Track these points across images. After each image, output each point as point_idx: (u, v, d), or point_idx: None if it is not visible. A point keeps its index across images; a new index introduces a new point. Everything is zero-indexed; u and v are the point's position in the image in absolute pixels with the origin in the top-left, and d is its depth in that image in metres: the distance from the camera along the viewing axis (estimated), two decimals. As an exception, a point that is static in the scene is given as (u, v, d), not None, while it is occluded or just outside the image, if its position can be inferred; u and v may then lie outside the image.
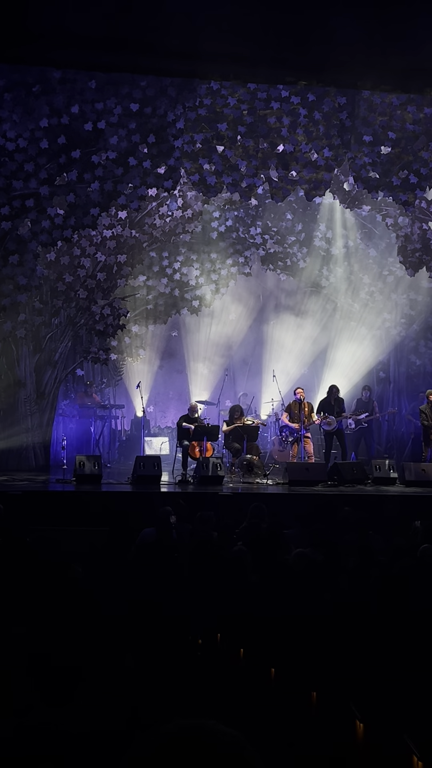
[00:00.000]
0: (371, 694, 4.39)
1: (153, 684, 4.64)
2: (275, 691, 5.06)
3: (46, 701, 3.72)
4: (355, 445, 17.95)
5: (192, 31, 13.22)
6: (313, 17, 13.16)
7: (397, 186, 15.76)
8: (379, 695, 4.38)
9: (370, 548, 7.94)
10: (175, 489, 14.38)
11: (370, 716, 4.11)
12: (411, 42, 13.64)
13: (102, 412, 18.40)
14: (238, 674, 5.38)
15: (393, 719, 4.04)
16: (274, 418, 18.27)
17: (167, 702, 4.39)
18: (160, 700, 4.36)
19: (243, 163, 15.29)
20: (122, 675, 4.63)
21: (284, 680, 5.05)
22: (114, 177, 14.92)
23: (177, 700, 4.53)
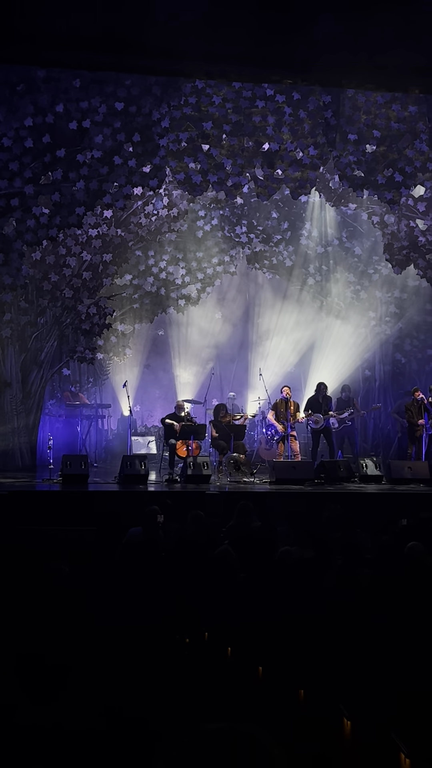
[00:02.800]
0: (359, 692, 4.40)
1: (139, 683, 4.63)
2: (263, 689, 5.06)
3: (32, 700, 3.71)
4: (341, 444, 17.97)
5: (176, 30, 13.21)
6: (297, 16, 13.16)
7: (382, 184, 15.79)
8: (366, 693, 4.39)
9: (357, 546, 7.95)
10: (162, 488, 14.37)
11: (358, 714, 4.12)
12: (395, 40, 13.67)
13: (88, 412, 18.37)
14: (226, 673, 5.38)
15: (380, 717, 4.05)
16: (260, 417, 18.27)
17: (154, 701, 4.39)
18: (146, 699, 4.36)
19: (228, 161, 15.28)
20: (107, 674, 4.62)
21: (272, 678, 5.06)
22: (99, 176, 14.89)
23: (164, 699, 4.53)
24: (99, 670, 4.68)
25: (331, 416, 16.91)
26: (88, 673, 4.54)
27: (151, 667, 5.03)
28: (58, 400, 18.62)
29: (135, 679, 4.72)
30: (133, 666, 4.94)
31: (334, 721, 4.20)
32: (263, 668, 5.18)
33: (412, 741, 3.71)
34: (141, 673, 4.85)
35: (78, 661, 4.67)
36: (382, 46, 13.80)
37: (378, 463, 15.60)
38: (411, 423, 16.79)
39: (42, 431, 17.46)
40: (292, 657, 5.23)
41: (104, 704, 3.82)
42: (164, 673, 5.03)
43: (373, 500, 13.65)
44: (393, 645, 5.04)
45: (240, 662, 5.43)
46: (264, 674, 5.15)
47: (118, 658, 4.99)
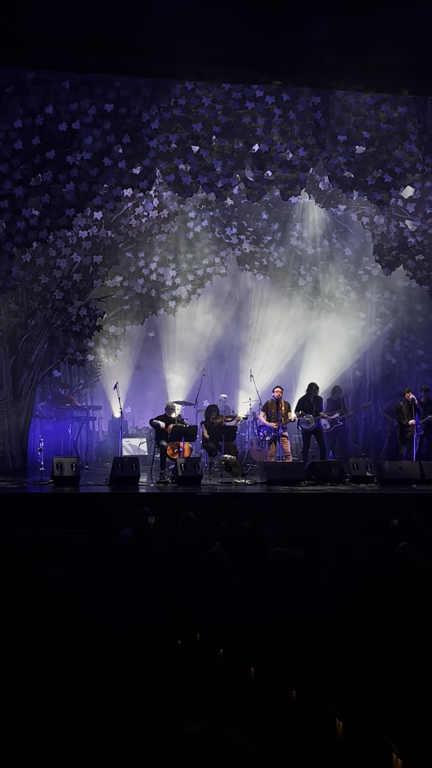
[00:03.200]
0: (351, 693, 4.40)
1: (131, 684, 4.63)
2: (255, 690, 5.06)
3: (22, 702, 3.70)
4: (332, 444, 17.99)
5: (166, 32, 13.23)
6: (286, 17, 13.19)
7: (371, 185, 15.82)
8: (358, 693, 4.40)
9: (348, 547, 7.96)
10: (154, 490, 14.37)
11: (350, 714, 4.13)
12: (384, 42, 13.71)
13: (79, 414, 18.34)
14: (218, 674, 5.38)
15: (372, 717, 4.05)
16: (252, 418, 18.28)
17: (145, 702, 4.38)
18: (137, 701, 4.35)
19: (218, 163, 15.29)
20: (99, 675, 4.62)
21: (264, 679, 5.06)
22: (89, 177, 14.87)
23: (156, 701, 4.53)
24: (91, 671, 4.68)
25: (322, 417, 16.93)
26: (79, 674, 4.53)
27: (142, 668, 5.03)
28: (49, 402, 18.59)
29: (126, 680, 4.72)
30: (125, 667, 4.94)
31: (326, 721, 4.20)
32: (255, 669, 5.18)
33: (404, 741, 3.71)
34: (133, 675, 4.85)
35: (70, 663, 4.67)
36: (371, 47, 13.84)
37: (369, 464, 15.63)
38: (402, 423, 16.83)
39: (33, 433, 17.43)
40: (284, 658, 5.23)
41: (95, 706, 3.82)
42: (156, 674, 5.03)
43: (364, 501, 13.67)
44: (385, 645, 5.04)
45: (232, 663, 5.43)
46: (256, 675, 5.15)
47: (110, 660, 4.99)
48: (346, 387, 20.10)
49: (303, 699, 4.60)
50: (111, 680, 4.65)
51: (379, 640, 5.13)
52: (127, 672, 4.87)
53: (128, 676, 4.80)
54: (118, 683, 4.64)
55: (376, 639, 5.17)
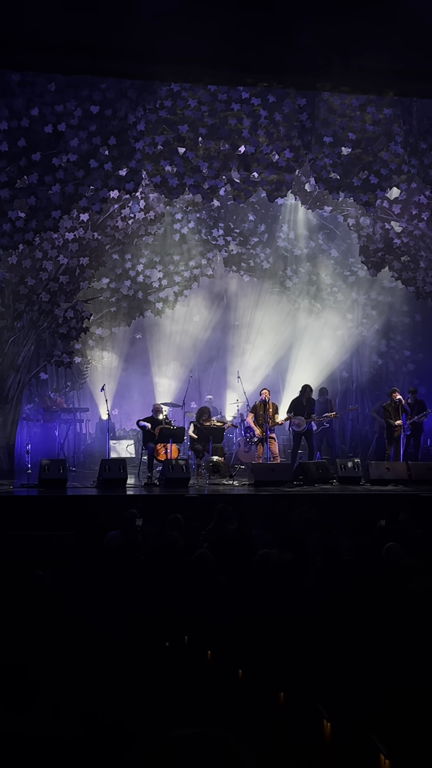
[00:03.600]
0: (338, 694, 4.41)
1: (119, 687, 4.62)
2: (243, 691, 5.06)
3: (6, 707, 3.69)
4: (319, 445, 18.02)
5: (151, 34, 13.22)
6: (272, 19, 13.20)
7: (357, 186, 15.85)
8: (346, 695, 4.40)
9: (336, 548, 7.97)
10: (141, 492, 14.35)
11: (338, 715, 4.13)
12: (369, 44, 13.74)
13: (66, 416, 18.30)
14: (206, 676, 5.38)
15: (360, 718, 4.06)
16: (239, 419, 18.29)
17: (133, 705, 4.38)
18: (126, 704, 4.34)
19: (204, 164, 15.29)
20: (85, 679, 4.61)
21: (252, 681, 5.06)
22: (75, 179, 14.85)
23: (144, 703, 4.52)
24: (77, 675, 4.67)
25: (314, 420, 16.94)
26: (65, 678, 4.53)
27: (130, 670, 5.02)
28: (36, 404, 18.55)
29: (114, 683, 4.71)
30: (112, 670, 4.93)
31: (314, 722, 4.21)
32: (243, 671, 5.18)
33: (391, 741, 3.72)
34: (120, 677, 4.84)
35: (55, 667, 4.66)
36: (357, 49, 13.86)
37: (356, 465, 15.65)
38: (389, 424, 16.87)
39: (20, 436, 17.37)
40: (271, 659, 5.23)
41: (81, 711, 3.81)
42: (144, 676, 5.02)
43: (352, 501, 13.69)
44: (372, 646, 5.05)
45: (220, 665, 5.43)
46: (244, 677, 5.15)
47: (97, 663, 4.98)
48: (333, 388, 20.14)
49: (291, 700, 4.60)
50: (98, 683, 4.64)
51: (366, 641, 5.14)
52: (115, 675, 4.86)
53: (115, 679, 4.79)
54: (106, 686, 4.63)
55: (363, 640, 5.18)
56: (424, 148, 15.99)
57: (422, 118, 16.01)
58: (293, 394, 17.63)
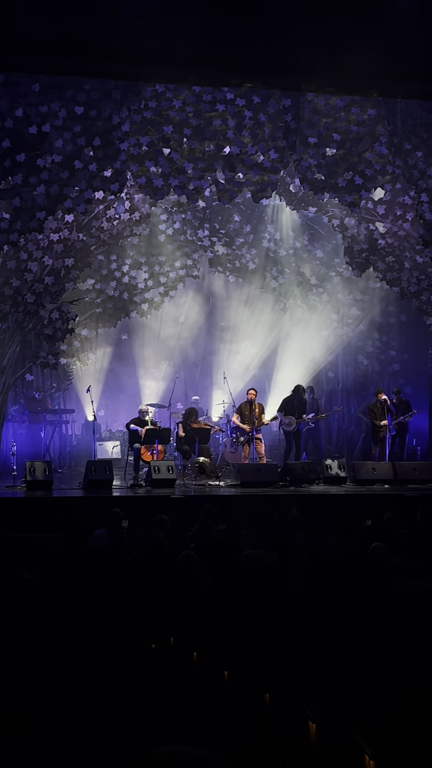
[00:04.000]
0: (324, 695, 4.41)
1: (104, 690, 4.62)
2: (229, 693, 5.06)
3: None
4: (306, 445, 18.05)
5: (135, 34, 13.22)
6: (257, 20, 13.23)
7: (342, 187, 15.87)
8: (331, 696, 4.41)
9: (322, 548, 7.98)
10: (127, 493, 14.34)
11: (323, 717, 4.14)
12: (354, 44, 13.78)
13: (52, 417, 18.26)
14: (192, 677, 5.38)
15: (345, 719, 4.07)
16: (225, 420, 18.30)
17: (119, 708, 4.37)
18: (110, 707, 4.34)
19: (189, 165, 15.28)
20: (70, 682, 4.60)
21: (237, 682, 5.06)
22: (60, 180, 14.81)
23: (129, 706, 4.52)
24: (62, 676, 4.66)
25: (305, 420, 16.96)
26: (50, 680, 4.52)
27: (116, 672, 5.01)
28: (22, 406, 18.49)
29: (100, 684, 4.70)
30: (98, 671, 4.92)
31: (300, 723, 4.21)
32: (229, 672, 5.18)
33: (376, 742, 3.73)
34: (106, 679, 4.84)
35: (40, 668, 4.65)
36: (341, 49, 13.90)
37: (342, 465, 15.69)
38: (374, 424, 16.91)
39: (5, 437, 17.32)
40: (257, 661, 5.24)
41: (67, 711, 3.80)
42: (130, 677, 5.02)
43: (337, 501, 13.72)
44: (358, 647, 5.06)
45: (206, 667, 5.43)
46: (229, 678, 5.16)
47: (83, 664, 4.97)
48: (319, 388, 20.19)
49: (276, 701, 4.61)
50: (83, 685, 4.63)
51: (351, 642, 5.15)
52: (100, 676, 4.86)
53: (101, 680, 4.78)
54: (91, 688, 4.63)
55: (349, 640, 5.18)
56: (408, 149, 16.03)
57: (406, 119, 16.05)
58: (280, 394, 17.66)
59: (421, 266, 18.14)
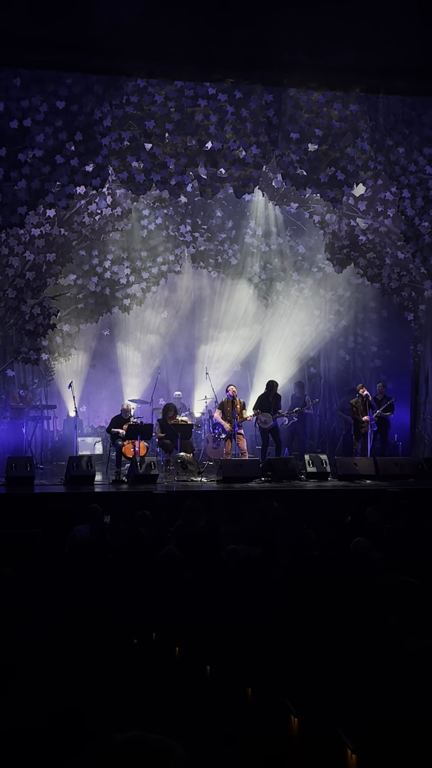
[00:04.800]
0: (305, 690, 4.42)
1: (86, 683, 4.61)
2: (211, 688, 5.07)
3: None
4: (288, 441, 18.07)
5: (117, 28, 13.18)
6: (238, 14, 13.21)
7: (324, 183, 15.90)
8: (313, 690, 4.42)
9: (303, 543, 7.99)
10: (109, 489, 14.32)
11: (305, 711, 4.14)
12: (336, 40, 13.79)
13: (34, 413, 18.20)
14: (174, 672, 5.38)
15: (327, 713, 4.07)
16: (207, 416, 18.30)
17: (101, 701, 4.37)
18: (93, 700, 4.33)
19: (171, 160, 15.26)
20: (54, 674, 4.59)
21: (219, 677, 5.07)
22: (41, 175, 14.75)
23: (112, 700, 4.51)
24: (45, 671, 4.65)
25: (280, 415, 16.97)
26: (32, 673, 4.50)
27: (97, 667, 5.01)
28: (2, 401, 18.41)
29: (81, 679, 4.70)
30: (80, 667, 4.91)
31: (282, 718, 4.22)
32: (211, 667, 5.19)
33: (358, 737, 3.74)
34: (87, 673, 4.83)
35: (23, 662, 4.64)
36: (323, 45, 13.90)
37: (324, 460, 15.71)
38: (356, 420, 16.95)
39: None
40: (239, 655, 5.24)
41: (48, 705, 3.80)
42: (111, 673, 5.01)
43: (320, 497, 13.74)
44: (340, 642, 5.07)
45: (188, 661, 5.43)
46: (212, 673, 5.16)
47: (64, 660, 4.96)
48: (301, 384, 20.21)
49: (258, 696, 4.61)
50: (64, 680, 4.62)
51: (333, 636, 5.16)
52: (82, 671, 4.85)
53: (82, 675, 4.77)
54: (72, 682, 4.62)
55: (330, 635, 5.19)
56: (390, 145, 16.07)
57: (388, 115, 16.08)
58: (261, 390, 17.66)
59: (402, 262, 18.21)
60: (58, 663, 4.91)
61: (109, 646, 5.54)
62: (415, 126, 16.24)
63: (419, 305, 18.88)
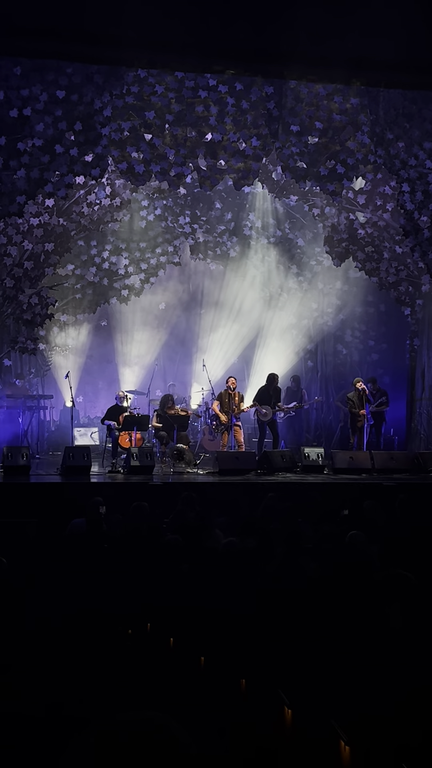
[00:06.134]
0: (299, 681, 4.43)
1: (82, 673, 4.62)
2: (205, 679, 5.07)
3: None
4: (285, 434, 18.07)
5: (118, 18, 13.15)
6: (239, 6, 13.19)
7: (324, 176, 15.88)
8: (306, 682, 4.43)
9: (298, 535, 8.00)
10: (105, 479, 14.32)
11: (298, 702, 4.15)
12: (337, 33, 13.77)
13: (30, 403, 18.19)
14: (168, 663, 5.39)
15: (320, 705, 4.08)
16: (204, 407, 18.30)
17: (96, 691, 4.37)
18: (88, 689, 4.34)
19: (171, 151, 15.23)
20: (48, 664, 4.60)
21: (214, 668, 5.07)
22: (40, 164, 14.72)
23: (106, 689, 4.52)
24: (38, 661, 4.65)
25: (280, 409, 16.97)
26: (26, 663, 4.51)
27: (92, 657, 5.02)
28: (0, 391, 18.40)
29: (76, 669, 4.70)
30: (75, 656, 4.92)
31: (276, 709, 4.23)
32: (205, 658, 5.19)
33: (351, 728, 3.75)
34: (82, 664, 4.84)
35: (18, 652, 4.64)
36: (324, 38, 13.89)
37: (320, 454, 15.72)
38: (353, 413, 16.96)
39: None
40: (233, 647, 5.25)
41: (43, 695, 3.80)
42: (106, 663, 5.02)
43: (315, 490, 13.75)
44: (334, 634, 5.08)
45: (182, 653, 5.44)
46: (206, 664, 5.16)
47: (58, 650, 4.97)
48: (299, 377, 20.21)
49: (253, 687, 4.62)
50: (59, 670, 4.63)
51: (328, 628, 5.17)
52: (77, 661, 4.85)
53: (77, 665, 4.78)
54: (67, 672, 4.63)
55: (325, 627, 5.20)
56: (390, 139, 16.06)
57: (389, 108, 16.07)
58: (259, 383, 17.66)
59: (401, 257, 18.21)
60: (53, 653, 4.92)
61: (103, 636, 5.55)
62: (416, 120, 16.22)
63: (416, 300, 18.89)
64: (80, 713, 3.27)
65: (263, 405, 16.69)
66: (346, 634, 5.01)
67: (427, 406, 18.84)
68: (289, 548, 7.52)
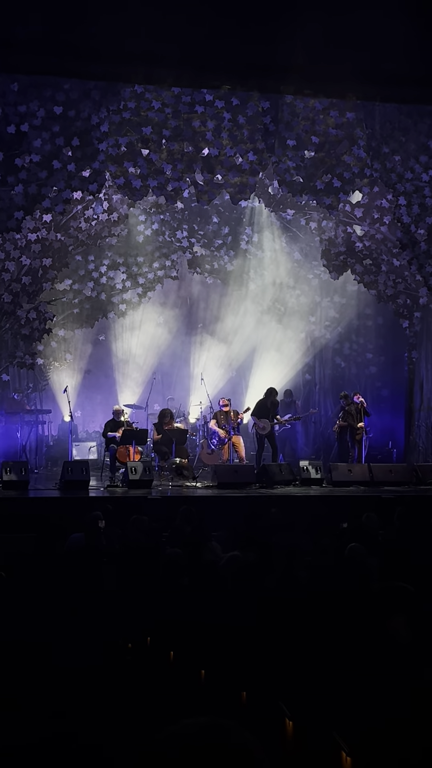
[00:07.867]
0: (300, 693, 4.42)
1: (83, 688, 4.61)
2: (206, 692, 5.06)
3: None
4: (282, 447, 18.07)
5: (115, 34, 13.22)
6: (235, 22, 13.26)
7: (320, 190, 15.94)
8: (308, 693, 4.42)
9: (298, 549, 7.99)
10: (104, 494, 14.31)
11: (300, 714, 4.15)
12: (332, 47, 13.85)
13: (29, 418, 18.19)
14: (169, 676, 5.37)
15: (322, 717, 4.08)
16: (202, 422, 18.30)
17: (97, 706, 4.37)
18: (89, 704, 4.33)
19: (168, 166, 15.29)
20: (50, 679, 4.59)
21: (214, 681, 5.06)
22: (38, 180, 14.77)
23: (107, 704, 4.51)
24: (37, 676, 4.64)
25: (278, 422, 16.99)
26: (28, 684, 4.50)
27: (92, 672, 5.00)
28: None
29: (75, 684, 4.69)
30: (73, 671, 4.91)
31: (276, 721, 4.22)
32: (206, 671, 5.18)
33: (353, 740, 3.74)
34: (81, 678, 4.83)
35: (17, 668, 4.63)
36: (320, 52, 13.96)
37: (318, 466, 15.72)
38: (351, 426, 16.97)
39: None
40: (234, 660, 5.24)
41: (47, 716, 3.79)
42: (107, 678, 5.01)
43: (314, 503, 13.75)
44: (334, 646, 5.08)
45: (182, 666, 5.43)
46: (206, 677, 5.16)
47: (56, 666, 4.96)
48: (296, 390, 20.22)
49: (253, 700, 4.61)
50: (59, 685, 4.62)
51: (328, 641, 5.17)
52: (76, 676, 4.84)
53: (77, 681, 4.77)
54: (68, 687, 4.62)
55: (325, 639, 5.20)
56: (386, 152, 16.12)
57: (384, 122, 16.14)
58: (256, 396, 17.68)
59: (398, 269, 18.26)
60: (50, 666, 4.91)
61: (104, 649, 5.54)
62: (411, 134, 16.30)
63: (414, 312, 18.93)
64: (88, 738, 3.24)
65: (261, 419, 16.71)
66: (346, 645, 5.00)
67: (426, 418, 18.85)
68: (288, 562, 7.51)
